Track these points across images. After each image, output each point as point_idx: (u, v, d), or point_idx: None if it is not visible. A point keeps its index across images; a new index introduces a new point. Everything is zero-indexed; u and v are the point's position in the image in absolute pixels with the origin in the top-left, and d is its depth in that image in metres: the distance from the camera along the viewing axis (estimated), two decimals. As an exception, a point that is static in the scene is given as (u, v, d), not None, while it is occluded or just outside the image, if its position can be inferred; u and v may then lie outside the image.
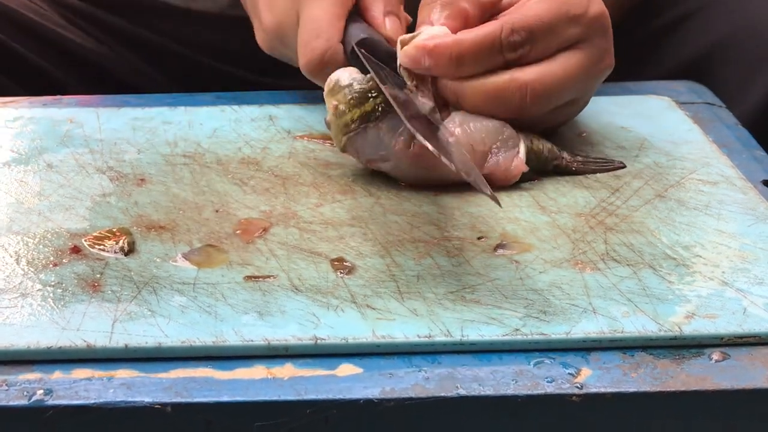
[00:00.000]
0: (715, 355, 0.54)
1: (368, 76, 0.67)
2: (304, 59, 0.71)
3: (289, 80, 0.84)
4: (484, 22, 0.68)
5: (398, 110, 0.64)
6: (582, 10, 0.68)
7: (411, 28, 0.71)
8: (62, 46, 0.92)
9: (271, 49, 0.77)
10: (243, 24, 0.92)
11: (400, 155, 0.66)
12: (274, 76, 0.92)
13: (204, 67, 0.90)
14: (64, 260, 0.60)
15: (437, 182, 0.67)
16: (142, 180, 0.69)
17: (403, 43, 0.67)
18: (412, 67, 0.67)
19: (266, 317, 0.55)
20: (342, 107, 0.66)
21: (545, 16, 0.67)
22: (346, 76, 0.67)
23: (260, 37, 0.77)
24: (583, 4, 0.68)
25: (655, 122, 0.77)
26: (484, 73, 0.67)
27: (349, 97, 0.66)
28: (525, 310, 0.56)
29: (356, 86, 0.66)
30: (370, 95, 0.66)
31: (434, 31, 0.67)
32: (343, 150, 0.68)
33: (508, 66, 0.67)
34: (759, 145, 0.75)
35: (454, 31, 0.67)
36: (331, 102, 0.67)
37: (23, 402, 0.50)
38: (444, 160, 0.60)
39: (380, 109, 0.66)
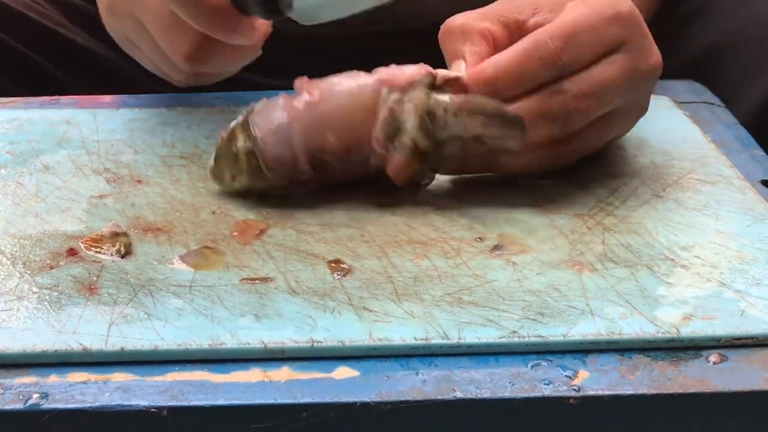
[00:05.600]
0: (713, 357, 0.54)
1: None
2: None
3: (290, 82, 0.84)
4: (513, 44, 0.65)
5: None
6: (615, 11, 0.65)
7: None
8: (63, 46, 0.92)
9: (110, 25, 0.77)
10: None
11: (295, 110, 0.65)
12: (274, 78, 0.92)
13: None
14: (60, 263, 0.60)
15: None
16: (139, 181, 0.68)
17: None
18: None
19: (263, 320, 0.55)
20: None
21: (582, 18, 0.64)
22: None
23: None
24: (614, 5, 0.66)
25: (654, 122, 0.77)
26: (524, 94, 0.64)
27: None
28: (522, 312, 0.56)
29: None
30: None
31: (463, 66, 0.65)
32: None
33: (552, 81, 0.64)
34: (758, 144, 0.75)
35: (484, 58, 0.65)
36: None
37: (19, 406, 0.50)
38: None
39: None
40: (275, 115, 0.65)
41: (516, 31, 0.66)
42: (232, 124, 0.66)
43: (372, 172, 0.66)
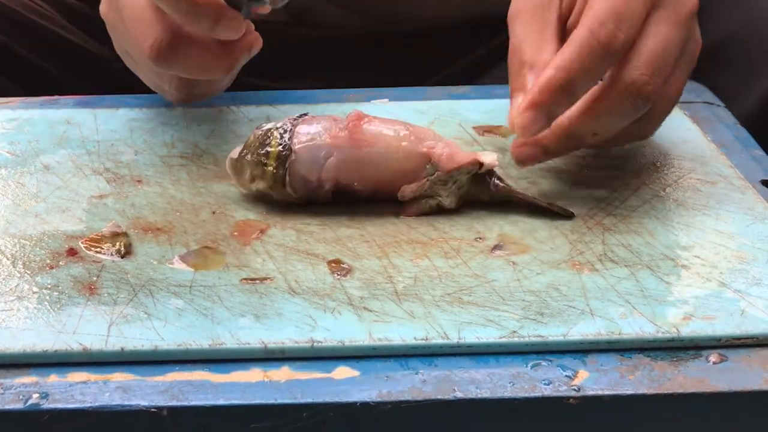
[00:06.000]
0: (713, 357, 0.54)
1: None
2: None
3: (290, 84, 0.84)
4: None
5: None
6: None
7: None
8: (63, 46, 0.92)
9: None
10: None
11: (338, 140, 0.64)
12: (275, 81, 0.92)
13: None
14: (60, 263, 0.60)
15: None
16: (139, 181, 0.68)
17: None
18: (529, 133, 0.63)
19: (263, 320, 0.55)
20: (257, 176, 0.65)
21: None
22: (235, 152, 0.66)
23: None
24: None
25: (654, 122, 0.77)
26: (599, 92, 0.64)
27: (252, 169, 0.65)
28: (522, 312, 0.56)
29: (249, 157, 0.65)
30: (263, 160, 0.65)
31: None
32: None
33: (621, 67, 0.64)
34: (758, 144, 0.75)
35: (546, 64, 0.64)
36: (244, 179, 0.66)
37: (19, 406, 0.50)
38: None
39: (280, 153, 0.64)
40: (319, 134, 0.64)
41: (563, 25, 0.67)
42: (270, 124, 0.65)
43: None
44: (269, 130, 0.65)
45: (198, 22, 0.66)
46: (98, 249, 0.61)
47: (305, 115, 0.66)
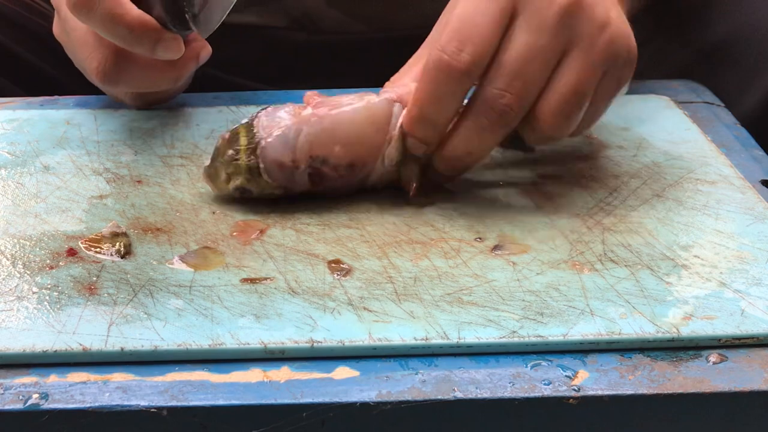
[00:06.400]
0: (713, 357, 0.54)
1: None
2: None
3: (290, 88, 0.84)
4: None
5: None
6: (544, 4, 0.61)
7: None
8: (63, 47, 0.92)
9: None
10: (242, 31, 0.92)
11: (305, 117, 0.64)
12: (278, 86, 0.92)
13: (200, 73, 0.90)
14: (60, 263, 0.60)
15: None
16: (139, 182, 0.68)
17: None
18: (419, 154, 0.64)
19: (263, 320, 0.55)
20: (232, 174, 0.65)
21: (463, 6, 0.61)
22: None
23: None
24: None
25: (654, 121, 0.77)
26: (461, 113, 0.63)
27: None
28: (522, 312, 0.56)
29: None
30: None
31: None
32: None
33: (481, 85, 0.62)
34: (758, 144, 0.75)
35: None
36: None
37: (19, 406, 0.50)
38: None
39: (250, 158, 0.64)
40: (283, 118, 0.64)
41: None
42: (236, 125, 0.66)
43: (368, 187, 0.66)
44: (236, 129, 0.65)
45: (136, 46, 0.68)
46: (98, 249, 0.61)
47: (265, 108, 0.66)
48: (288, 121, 0.64)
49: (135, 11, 0.67)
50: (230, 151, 0.65)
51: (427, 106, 0.62)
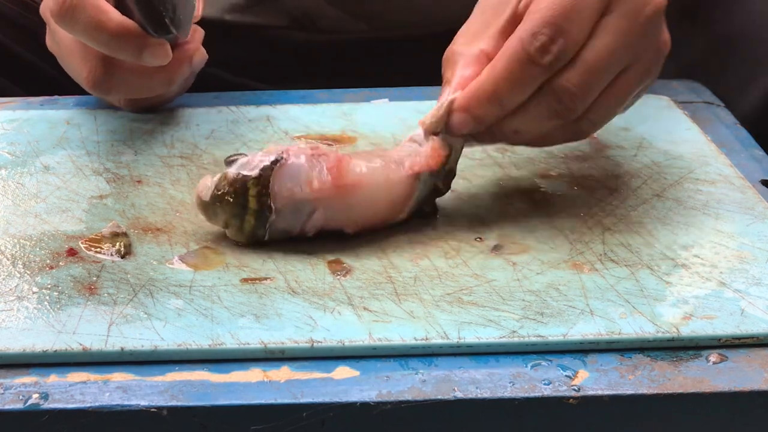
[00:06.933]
0: (713, 356, 0.54)
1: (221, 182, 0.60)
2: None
3: (290, 88, 0.84)
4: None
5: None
6: None
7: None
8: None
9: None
10: (242, 31, 0.92)
11: (322, 193, 0.60)
12: (276, 86, 0.92)
13: (201, 73, 0.90)
14: (60, 263, 0.60)
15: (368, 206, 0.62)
16: (139, 182, 0.68)
17: (425, 125, 0.63)
18: (461, 132, 0.62)
19: (263, 320, 0.55)
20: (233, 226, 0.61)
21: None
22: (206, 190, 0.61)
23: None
24: None
25: (654, 121, 0.77)
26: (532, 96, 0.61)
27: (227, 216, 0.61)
28: (522, 312, 0.56)
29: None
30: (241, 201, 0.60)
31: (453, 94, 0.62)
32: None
33: (555, 73, 0.60)
34: (758, 144, 0.75)
35: (478, 74, 0.61)
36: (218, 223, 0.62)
37: (19, 406, 0.50)
38: None
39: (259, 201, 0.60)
40: (297, 190, 0.60)
41: (515, 26, 0.62)
42: (244, 167, 0.60)
43: None
44: (244, 181, 0.60)
45: (120, 53, 0.68)
46: (98, 249, 0.61)
47: (279, 160, 0.60)
48: (304, 193, 0.60)
49: (117, 18, 0.67)
50: (236, 209, 0.60)
51: (501, 89, 0.60)
